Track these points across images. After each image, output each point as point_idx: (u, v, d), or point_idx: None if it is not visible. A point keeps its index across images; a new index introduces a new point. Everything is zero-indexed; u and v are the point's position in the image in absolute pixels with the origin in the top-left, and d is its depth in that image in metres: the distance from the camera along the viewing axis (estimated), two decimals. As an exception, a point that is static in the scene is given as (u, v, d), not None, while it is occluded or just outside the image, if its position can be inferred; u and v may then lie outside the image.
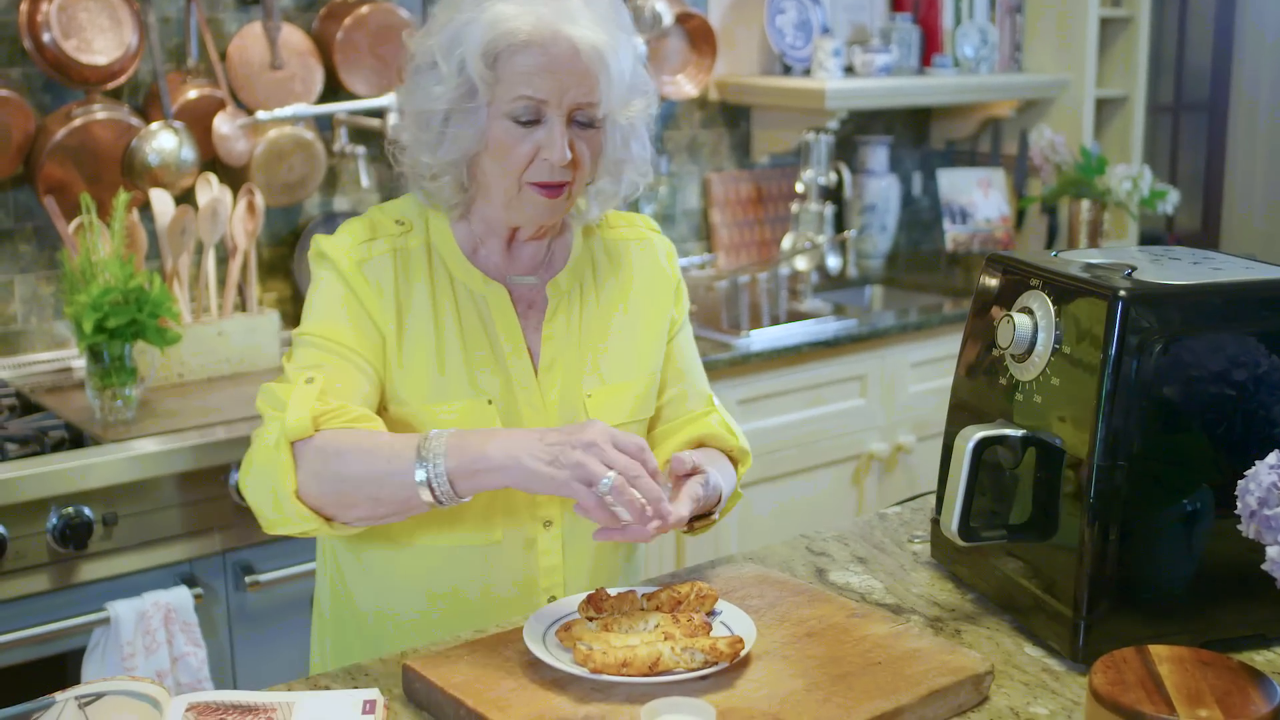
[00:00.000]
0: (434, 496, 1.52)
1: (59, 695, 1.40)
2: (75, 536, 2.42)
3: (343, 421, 1.57)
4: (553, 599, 1.73)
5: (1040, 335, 1.59)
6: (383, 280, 1.69)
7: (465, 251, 1.74)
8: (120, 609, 2.46)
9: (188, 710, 1.40)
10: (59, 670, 2.50)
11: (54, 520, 2.42)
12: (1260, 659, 1.57)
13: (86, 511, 2.44)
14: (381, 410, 1.69)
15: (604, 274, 1.82)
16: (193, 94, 3.09)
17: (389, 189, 3.46)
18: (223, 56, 3.14)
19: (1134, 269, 1.59)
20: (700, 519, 1.70)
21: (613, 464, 1.47)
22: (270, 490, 1.57)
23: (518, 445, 1.50)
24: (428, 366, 1.69)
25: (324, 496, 1.56)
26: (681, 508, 1.57)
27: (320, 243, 1.73)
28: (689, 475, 1.63)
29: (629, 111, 1.70)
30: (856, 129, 4.36)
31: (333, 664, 1.80)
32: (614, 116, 1.68)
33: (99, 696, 1.39)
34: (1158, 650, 1.40)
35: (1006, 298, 1.68)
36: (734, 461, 1.83)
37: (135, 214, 2.92)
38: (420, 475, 1.51)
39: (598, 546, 1.77)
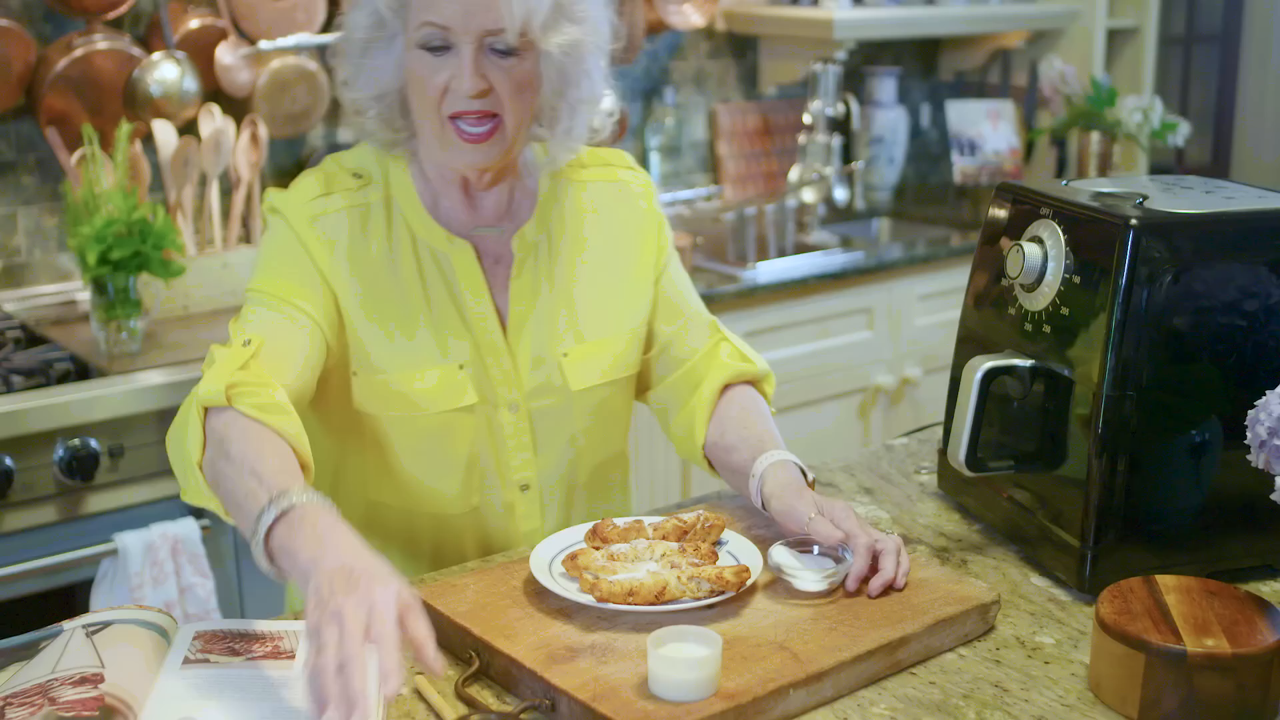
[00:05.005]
0: (254, 550, 1.34)
1: (66, 624, 1.41)
2: (82, 468, 2.43)
3: (253, 404, 1.45)
4: None
5: (1050, 265, 1.58)
6: (338, 239, 1.63)
7: (426, 205, 1.67)
8: (128, 540, 2.46)
9: (195, 639, 1.41)
10: (68, 601, 2.51)
11: (60, 452, 2.42)
12: (1267, 589, 1.57)
13: (93, 443, 2.44)
14: (348, 376, 1.64)
15: (574, 222, 1.73)
16: (194, 24, 3.07)
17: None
18: (224, -15, 3.11)
19: (1145, 198, 1.57)
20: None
21: (342, 640, 1.16)
22: (181, 455, 1.49)
23: (320, 564, 1.25)
24: (394, 334, 1.63)
25: (210, 482, 1.45)
26: (890, 567, 1.48)
27: (273, 197, 1.66)
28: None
29: (559, 39, 1.58)
30: (865, 60, 4.32)
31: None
32: (541, 45, 1.57)
33: (106, 625, 1.39)
34: (1165, 580, 1.40)
35: (1016, 227, 1.66)
36: (759, 386, 1.79)
37: (138, 145, 2.90)
38: (253, 532, 1.33)
39: (574, 506, 1.76)
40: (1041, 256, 1.59)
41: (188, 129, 3.04)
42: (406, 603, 1.22)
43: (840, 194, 3.94)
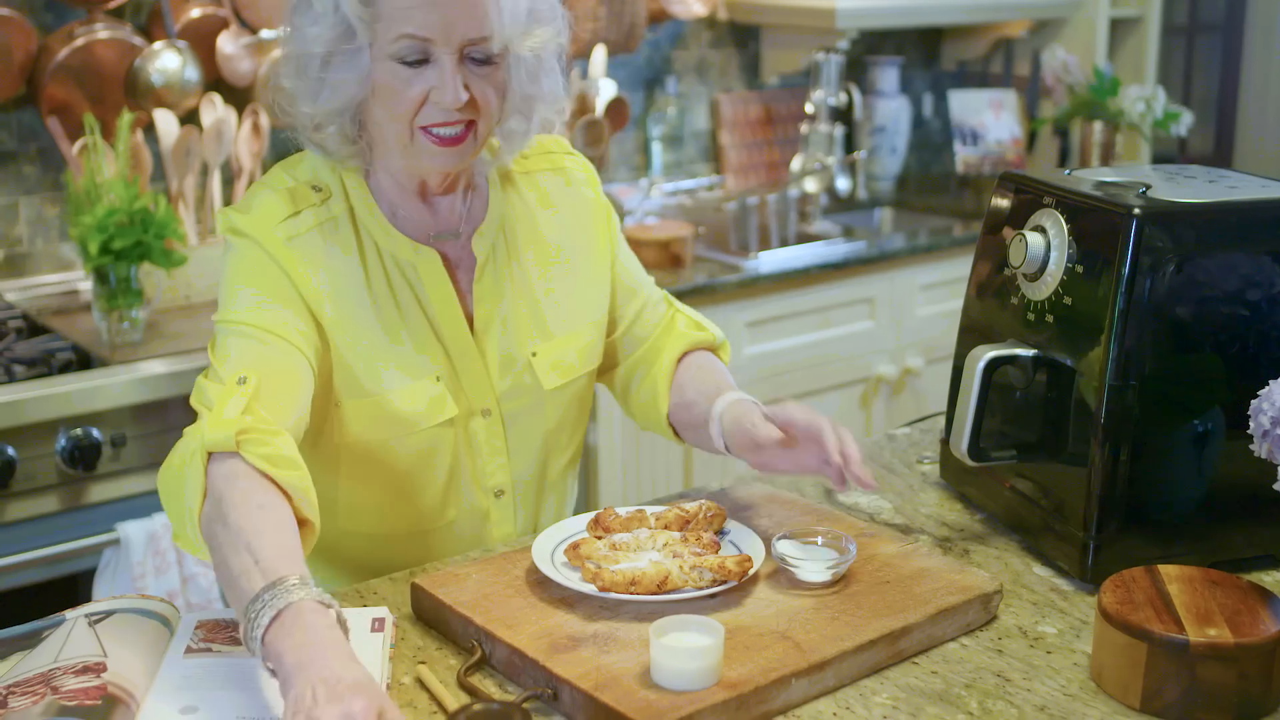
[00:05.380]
0: (245, 638, 1.28)
1: (69, 613, 1.41)
2: (84, 458, 2.43)
3: (261, 454, 1.38)
4: None
5: (1053, 254, 1.58)
6: (315, 260, 1.55)
7: (386, 214, 1.61)
8: (130, 530, 2.46)
9: (197, 628, 1.41)
10: (70, 591, 2.51)
11: (62, 442, 2.42)
12: (1269, 579, 1.57)
13: (95, 433, 2.44)
14: (327, 408, 1.59)
15: (527, 218, 1.70)
16: (196, 13, 3.06)
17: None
18: (226, -26, 3.11)
19: (1148, 187, 1.57)
20: None
21: None
22: (180, 502, 1.41)
23: (304, 671, 1.19)
24: (379, 352, 1.58)
25: (205, 538, 1.38)
26: (845, 440, 1.53)
27: (236, 219, 1.56)
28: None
29: (531, 42, 1.54)
30: (867, 49, 4.31)
31: None
32: (515, 49, 1.53)
33: (109, 614, 1.39)
34: (1167, 570, 1.40)
35: (1019, 217, 1.66)
36: (716, 353, 1.80)
37: (139, 135, 2.90)
38: (243, 618, 1.27)
39: (546, 506, 1.76)
40: (1044, 246, 1.59)
41: (189, 118, 3.03)
42: None
43: (842, 184, 3.93)
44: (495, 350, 1.66)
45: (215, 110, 3.01)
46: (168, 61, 2.97)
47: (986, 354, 1.59)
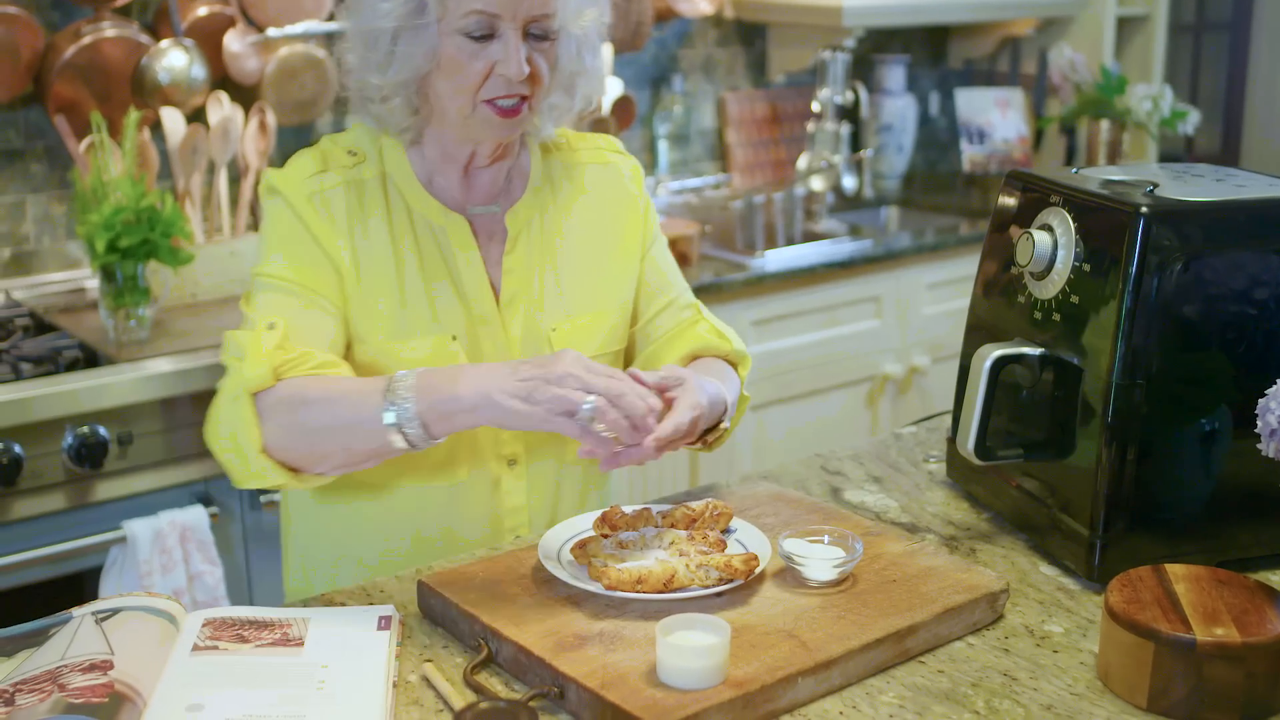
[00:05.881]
0: (407, 441, 1.48)
1: (76, 611, 1.41)
2: (91, 456, 2.43)
3: (305, 369, 1.53)
4: (518, 538, 1.70)
5: (1060, 253, 1.57)
6: (336, 213, 1.64)
7: (421, 181, 1.69)
8: (137, 528, 2.47)
9: (204, 626, 1.41)
10: (77, 589, 2.52)
11: (69, 440, 2.42)
12: (1276, 578, 1.57)
13: (101, 431, 2.44)
14: (347, 352, 1.66)
15: (565, 201, 1.76)
16: (202, 11, 3.07)
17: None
18: (232, -27, 3.11)
19: (1155, 186, 1.57)
20: (711, 430, 1.64)
21: (591, 388, 1.43)
22: (237, 446, 1.53)
23: (490, 382, 1.45)
24: (389, 302, 1.65)
25: (293, 450, 1.52)
26: (681, 415, 1.51)
27: (271, 177, 1.67)
28: (674, 386, 1.56)
29: (582, 21, 1.64)
30: (874, 47, 4.31)
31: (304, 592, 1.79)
32: (568, 27, 1.62)
33: (115, 612, 1.39)
34: (1174, 569, 1.40)
35: (1026, 215, 1.66)
36: (733, 365, 1.78)
37: (146, 133, 2.90)
38: (389, 419, 1.46)
39: (562, 484, 1.75)
40: (1051, 244, 1.58)
41: (196, 117, 3.04)
42: None
43: (849, 182, 3.93)
44: (518, 322, 1.70)
45: (222, 108, 3.01)
46: (174, 60, 2.97)
47: (993, 353, 1.59)
